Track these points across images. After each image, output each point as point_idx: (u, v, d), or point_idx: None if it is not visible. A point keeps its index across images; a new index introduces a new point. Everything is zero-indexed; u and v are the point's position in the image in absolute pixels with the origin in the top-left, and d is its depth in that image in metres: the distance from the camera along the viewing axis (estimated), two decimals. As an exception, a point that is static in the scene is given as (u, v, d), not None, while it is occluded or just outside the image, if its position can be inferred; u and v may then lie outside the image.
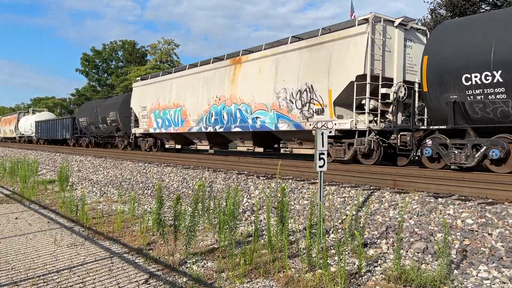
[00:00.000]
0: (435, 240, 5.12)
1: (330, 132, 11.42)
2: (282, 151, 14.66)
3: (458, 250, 4.83)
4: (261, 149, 15.61)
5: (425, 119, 11.54)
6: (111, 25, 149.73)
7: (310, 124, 12.44)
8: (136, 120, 22.67)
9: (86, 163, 17.13)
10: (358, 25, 11.47)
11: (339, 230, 6.07)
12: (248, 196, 8.39)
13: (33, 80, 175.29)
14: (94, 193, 11.10)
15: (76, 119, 32.33)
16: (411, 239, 5.29)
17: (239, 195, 6.31)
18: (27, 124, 46.17)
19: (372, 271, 4.56)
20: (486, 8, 17.48)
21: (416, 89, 10.67)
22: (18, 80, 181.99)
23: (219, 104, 16.17)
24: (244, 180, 9.51)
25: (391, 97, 11.29)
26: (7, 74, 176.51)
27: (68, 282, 4.32)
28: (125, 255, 5.30)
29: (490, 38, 8.49)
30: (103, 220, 7.44)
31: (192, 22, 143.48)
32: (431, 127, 9.77)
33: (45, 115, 46.98)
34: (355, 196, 7.02)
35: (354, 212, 6.18)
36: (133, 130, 22.86)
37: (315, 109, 12.45)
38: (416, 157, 10.71)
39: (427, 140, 9.63)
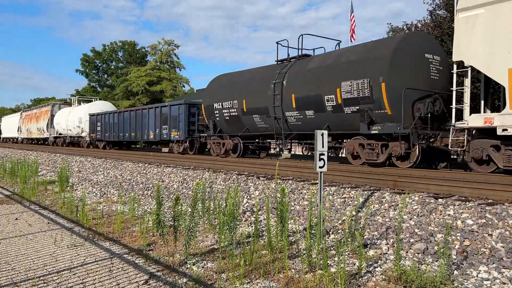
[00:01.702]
0: (435, 240, 5.11)
1: None
2: None
3: (458, 250, 4.83)
4: None
5: None
6: (110, 26, 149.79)
7: None
8: None
9: (86, 164, 17.13)
10: None
11: (339, 231, 6.07)
12: (248, 197, 8.38)
13: (33, 81, 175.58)
14: (94, 193, 11.10)
15: (204, 106, 17.22)
16: (411, 240, 5.28)
17: (239, 195, 6.31)
18: (72, 119, 32.16)
19: (372, 272, 4.55)
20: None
21: None
22: (18, 80, 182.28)
23: None
24: (244, 180, 9.51)
25: None
26: (7, 75, 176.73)
27: (68, 283, 4.32)
28: (125, 255, 5.30)
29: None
30: (103, 220, 7.44)
31: (192, 22, 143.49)
32: None
33: (101, 106, 32.21)
34: (355, 196, 7.02)
35: (354, 213, 6.18)
36: None
37: None
38: None
39: None
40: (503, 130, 8.52)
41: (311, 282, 4.20)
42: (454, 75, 9.58)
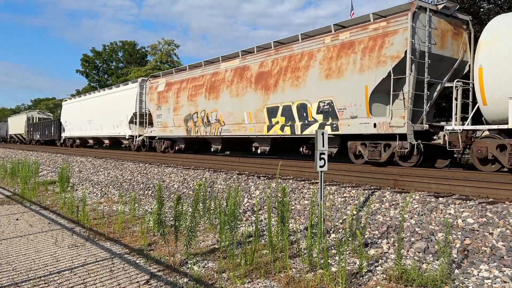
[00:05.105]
0: (436, 239, 5.11)
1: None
2: None
3: (459, 249, 4.83)
4: None
5: None
6: (108, 25, 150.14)
7: None
8: None
9: (87, 164, 17.13)
10: None
11: (340, 230, 6.07)
12: (249, 197, 8.38)
13: (32, 81, 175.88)
14: (95, 194, 11.11)
15: None
16: (412, 239, 5.28)
17: (239, 195, 6.31)
18: None
19: (373, 271, 4.55)
20: (487, 6, 17.39)
21: None
22: (17, 81, 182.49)
23: None
24: (245, 180, 9.51)
25: None
26: (6, 75, 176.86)
27: (69, 283, 4.32)
28: (126, 255, 5.30)
29: None
30: (104, 221, 7.44)
31: (190, 21, 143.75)
32: None
33: None
34: (356, 196, 7.01)
35: (355, 212, 6.18)
36: None
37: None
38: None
39: None
40: None
41: (312, 282, 4.20)
42: None
